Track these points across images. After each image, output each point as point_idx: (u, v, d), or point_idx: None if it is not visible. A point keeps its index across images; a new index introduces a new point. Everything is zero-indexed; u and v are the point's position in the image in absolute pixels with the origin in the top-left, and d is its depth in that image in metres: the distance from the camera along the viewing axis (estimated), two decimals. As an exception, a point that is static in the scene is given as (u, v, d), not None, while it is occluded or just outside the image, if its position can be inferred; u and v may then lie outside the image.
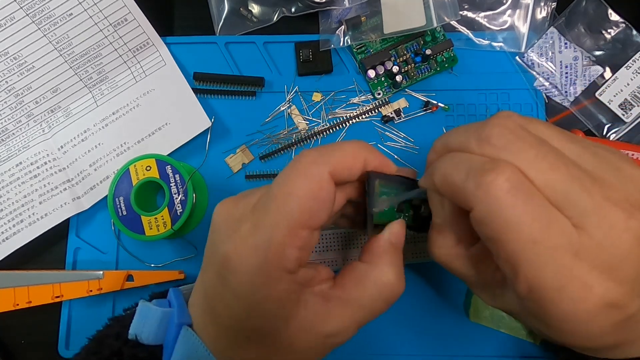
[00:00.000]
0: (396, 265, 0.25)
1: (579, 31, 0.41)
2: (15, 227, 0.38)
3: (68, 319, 0.38)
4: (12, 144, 0.40)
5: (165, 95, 0.40)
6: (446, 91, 0.41)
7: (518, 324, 0.38)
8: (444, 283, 0.39)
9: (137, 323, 0.27)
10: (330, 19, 0.41)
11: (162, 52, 0.41)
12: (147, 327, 0.26)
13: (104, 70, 0.40)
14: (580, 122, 0.40)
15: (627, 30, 0.40)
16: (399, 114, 0.40)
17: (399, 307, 0.38)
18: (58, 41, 0.39)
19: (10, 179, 0.39)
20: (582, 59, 0.41)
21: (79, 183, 0.39)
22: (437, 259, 0.27)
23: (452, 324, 0.38)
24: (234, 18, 0.41)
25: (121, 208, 0.36)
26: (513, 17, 0.41)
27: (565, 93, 0.41)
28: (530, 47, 0.41)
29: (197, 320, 0.26)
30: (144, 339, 0.26)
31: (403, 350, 0.38)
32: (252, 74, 0.41)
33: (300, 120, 0.40)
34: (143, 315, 0.27)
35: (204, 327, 0.26)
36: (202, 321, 0.26)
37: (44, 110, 0.40)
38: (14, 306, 0.37)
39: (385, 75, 0.40)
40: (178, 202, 0.36)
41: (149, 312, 0.27)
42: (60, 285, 0.37)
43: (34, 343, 0.39)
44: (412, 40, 0.41)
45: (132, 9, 0.39)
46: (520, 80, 0.41)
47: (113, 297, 0.38)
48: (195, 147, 0.40)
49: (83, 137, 0.40)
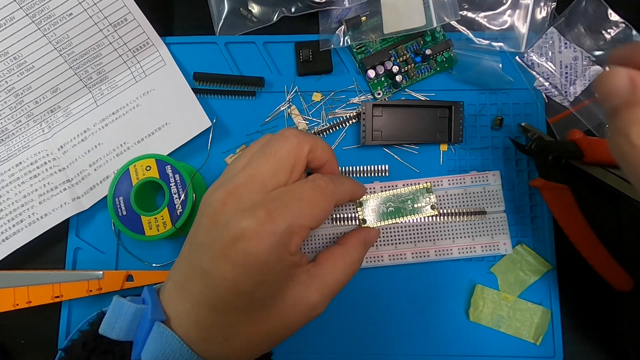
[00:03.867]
0: (361, 253, 0.33)
1: (578, 31, 0.41)
2: (15, 227, 0.38)
3: (68, 319, 0.38)
4: (12, 144, 0.40)
5: (165, 95, 0.40)
6: (446, 91, 0.41)
7: (518, 323, 0.38)
8: (444, 283, 0.39)
9: (109, 318, 0.27)
10: (330, 19, 0.41)
11: (162, 52, 0.41)
12: (120, 322, 0.27)
13: (104, 70, 0.40)
14: (580, 122, 0.40)
15: (627, 30, 0.40)
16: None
17: (400, 307, 0.38)
18: (58, 41, 0.39)
19: (10, 179, 0.39)
20: (582, 59, 0.41)
21: (79, 183, 0.39)
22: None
23: (452, 324, 0.38)
24: (234, 18, 0.41)
25: (121, 208, 0.36)
26: (513, 17, 0.41)
27: (565, 93, 0.41)
28: (530, 47, 0.41)
29: (173, 304, 0.27)
30: (115, 335, 0.26)
31: (403, 350, 0.38)
32: (252, 74, 0.41)
33: (300, 120, 0.40)
34: (117, 311, 0.27)
35: (182, 311, 0.27)
36: (179, 302, 0.27)
37: (44, 110, 0.40)
38: (13, 306, 0.37)
39: (385, 75, 0.40)
40: (178, 202, 0.36)
41: (123, 308, 0.27)
42: (60, 285, 0.37)
43: (33, 343, 0.39)
44: (412, 40, 0.41)
45: (132, 9, 0.39)
46: (520, 80, 0.41)
47: (113, 297, 0.38)
48: (195, 147, 0.40)
49: (83, 137, 0.40)
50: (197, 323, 0.27)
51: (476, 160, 0.40)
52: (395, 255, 0.38)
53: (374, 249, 0.38)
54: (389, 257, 0.38)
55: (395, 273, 0.39)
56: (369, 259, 0.38)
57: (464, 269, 0.39)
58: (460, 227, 0.38)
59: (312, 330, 0.38)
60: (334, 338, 0.38)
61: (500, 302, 0.38)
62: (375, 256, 0.38)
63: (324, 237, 0.37)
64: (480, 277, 0.39)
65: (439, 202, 0.38)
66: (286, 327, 0.28)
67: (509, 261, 0.38)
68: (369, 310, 0.38)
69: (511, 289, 0.38)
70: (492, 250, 0.38)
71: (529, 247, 0.39)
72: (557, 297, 0.38)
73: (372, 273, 0.39)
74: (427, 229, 0.38)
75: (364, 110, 0.39)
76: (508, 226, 0.38)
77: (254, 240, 0.25)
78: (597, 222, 0.38)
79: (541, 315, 0.38)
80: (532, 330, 0.38)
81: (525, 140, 0.39)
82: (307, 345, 0.38)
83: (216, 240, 0.26)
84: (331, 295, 0.30)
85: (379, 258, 0.38)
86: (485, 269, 0.39)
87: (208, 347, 0.27)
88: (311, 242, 0.37)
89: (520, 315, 0.38)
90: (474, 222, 0.38)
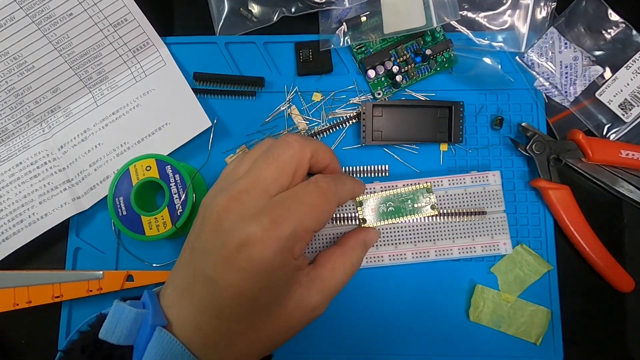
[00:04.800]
0: (360, 255, 0.33)
1: (579, 31, 0.41)
2: (15, 227, 0.38)
3: (68, 319, 0.38)
4: (12, 144, 0.40)
5: (165, 95, 0.40)
6: (446, 91, 0.41)
7: (518, 324, 0.38)
8: (444, 283, 0.39)
9: (109, 322, 0.26)
10: (330, 19, 0.41)
11: (162, 52, 0.41)
12: (120, 327, 0.26)
13: (104, 70, 0.40)
14: (580, 122, 0.40)
15: (627, 30, 0.40)
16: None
17: (400, 307, 0.38)
18: (58, 41, 0.39)
19: (10, 179, 0.39)
20: (582, 59, 0.41)
21: (79, 183, 0.39)
22: None
23: (452, 324, 0.38)
24: (234, 18, 0.41)
25: (121, 208, 0.36)
26: (513, 17, 0.41)
27: (565, 93, 0.41)
28: (530, 47, 0.41)
29: (174, 309, 0.27)
30: (115, 340, 0.26)
31: (403, 350, 0.38)
32: (252, 74, 0.41)
33: (300, 120, 0.40)
34: (117, 315, 0.27)
35: (184, 316, 0.27)
36: (181, 308, 0.27)
37: (44, 110, 0.40)
38: (13, 306, 0.37)
39: (385, 75, 0.40)
40: (178, 202, 0.36)
41: (123, 312, 0.27)
42: (60, 285, 0.37)
43: (33, 343, 0.39)
44: (412, 40, 0.41)
45: (132, 9, 0.39)
46: (520, 80, 0.41)
47: (113, 297, 0.38)
48: (195, 147, 0.40)
49: (83, 137, 0.40)
50: (200, 329, 0.27)
51: (476, 160, 0.40)
52: (395, 255, 0.38)
53: (374, 249, 0.38)
54: (389, 257, 0.38)
55: (395, 273, 0.39)
56: (369, 259, 0.38)
57: (464, 269, 0.39)
58: (460, 227, 0.38)
59: (312, 330, 0.38)
60: (334, 338, 0.38)
61: (500, 302, 0.38)
62: (375, 256, 0.38)
63: (324, 237, 0.37)
64: (481, 277, 0.39)
65: (439, 202, 0.38)
66: (288, 330, 0.28)
67: (509, 261, 0.38)
68: (369, 310, 0.38)
69: (511, 289, 0.38)
70: (492, 250, 0.38)
71: (529, 247, 0.39)
72: (557, 297, 0.38)
73: (372, 273, 0.39)
74: (427, 229, 0.38)
75: (364, 110, 0.39)
76: (508, 226, 0.38)
77: (259, 246, 0.25)
78: (597, 222, 0.38)
79: (541, 315, 0.38)
80: (532, 330, 0.38)
81: (525, 140, 0.39)
82: (307, 345, 0.38)
83: (220, 247, 0.26)
84: (331, 296, 0.30)
85: (379, 258, 0.38)
86: (485, 269, 0.39)
87: (210, 353, 0.27)
88: (311, 242, 0.37)
89: (520, 315, 0.38)
90: (474, 222, 0.38)
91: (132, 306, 0.27)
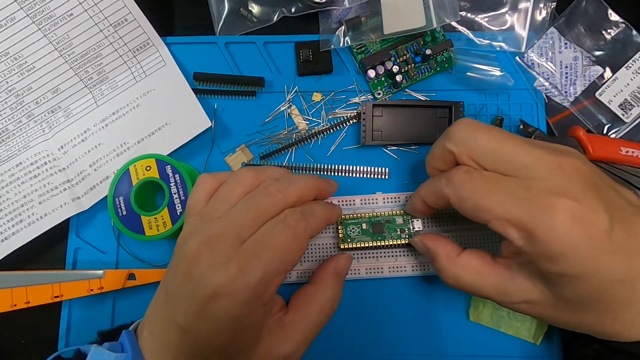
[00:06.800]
0: (336, 288, 0.32)
1: (579, 31, 0.41)
2: (15, 227, 0.38)
3: (68, 318, 0.38)
4: (12, 144, 0.40)
5: (165, 96, 0.40)
6: (446, 91, 0.41)
7: (518, 323, 0.38)
8: (444, 283, 0.39)
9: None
10: (330, 19, 0.41)
11: (162, 52, 0.41)
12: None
13: (104, 71, 0.40)
14: (580, 122, 0.40)
15: (627, 30, 0.40)
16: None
17: (400, 307, 0.38)
18: (58, 41, 0.39)
19: (10, 179, 0.39)
20: (582, 59, 0.41)
21: (79, 183, 0.39)
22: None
23: (452, 324, 0.38)
24: (234, 18, 0.41)
25: (121, 208, 0.36)
26: (513, 17, 0.41)
27: (565, 93, 0.41)
28: (530, 47, 0.41)
29: (151, 353, 0.27)
30: None
31: (403, 350, 0.38)
32: (252, 74, 0.41)
33: (300, 120, 0.40)
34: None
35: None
36: (157, 353, 0.27)
37: (44, 110, 0.40)
38: (11, 307, 0.37)
39: (385, 75, 0.40)
40: (178, 202, 0.36)
41: (101, 358, 0.27)
42: (60, 285, 0.37)
43: (33, 343, 0.39)
44: (412, 40, 0.41)
45: (132, 9, 0.39)
46: (520, 80, 0.41)
47: (113, 296, 0.38)
48: (195, 147, 0.40)
49: (83, 137, 0.40)
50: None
51: (476, 160, 0.40)
52: (395, 268, 0.37)
53: (373, 261, 0.37)
54: (388, 270, 0.37)
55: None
56: (368, 271, 0.37)
57: (464, 269, 0.39)
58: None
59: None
60: (334, 338, 0.38)
61: (500, 302, 0.38)
62: (374, 268, 0.37)
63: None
64: (481, 277, 0.39)
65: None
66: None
67: (509, 261, 0.38)
68: (369, 309, 0.38)
69: (511, 289, 0.38)
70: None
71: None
72: (557, 297, 0.38)
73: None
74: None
75: (364, 110, 0.39)
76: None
77: (227, 299, 0.26)
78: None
79: (541, 316, 0.38)
80: (532, 330, 0.38)
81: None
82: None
83: (190, 296, 0.26)
84: (307, 340, 0.29)
85: (379, 270, 0.37)
86: (485, 269, 0.39)
87: None
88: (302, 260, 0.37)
89: (520, 315, 0.38)
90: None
91: (111, 349, 0.27)
